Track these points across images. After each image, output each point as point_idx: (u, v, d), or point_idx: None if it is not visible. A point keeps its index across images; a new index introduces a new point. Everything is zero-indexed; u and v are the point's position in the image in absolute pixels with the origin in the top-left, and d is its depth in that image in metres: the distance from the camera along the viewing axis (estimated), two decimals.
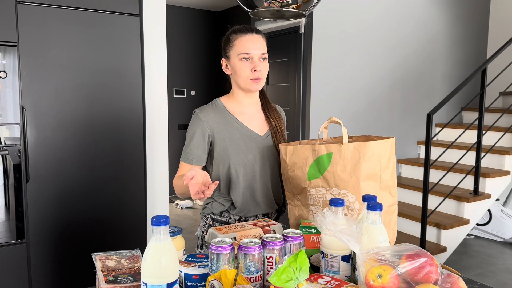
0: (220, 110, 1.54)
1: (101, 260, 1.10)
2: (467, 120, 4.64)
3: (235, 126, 1.52)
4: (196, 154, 1.52)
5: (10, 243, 2.17)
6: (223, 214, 1.55)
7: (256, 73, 1.45)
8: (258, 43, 1.46)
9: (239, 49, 1.45)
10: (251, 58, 1.45)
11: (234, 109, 1.55)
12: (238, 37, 1.47)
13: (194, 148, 1.52)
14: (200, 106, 1.57)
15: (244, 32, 1.47)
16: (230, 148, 1.50)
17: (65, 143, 2.25)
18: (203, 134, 1.51)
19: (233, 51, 1.47)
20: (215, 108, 1.55)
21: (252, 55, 1.45)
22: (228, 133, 1.50)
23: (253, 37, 1.46)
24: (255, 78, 1.46)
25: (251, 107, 1.56)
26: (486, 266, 3.49)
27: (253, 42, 1.45)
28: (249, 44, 1.45)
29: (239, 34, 1.47)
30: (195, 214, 4.91)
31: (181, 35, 5.62)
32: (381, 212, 1.02)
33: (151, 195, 2.73)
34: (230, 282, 0.91)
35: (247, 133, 1.52)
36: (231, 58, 1.49)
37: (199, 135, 1.51)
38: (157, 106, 2.73)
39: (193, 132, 1.52)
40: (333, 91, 3.63)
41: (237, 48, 1.46)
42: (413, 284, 0.84)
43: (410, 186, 3.82)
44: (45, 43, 2.16)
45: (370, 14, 3.80)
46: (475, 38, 4.75)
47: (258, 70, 1.45)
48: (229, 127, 1.51)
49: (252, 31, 1.47)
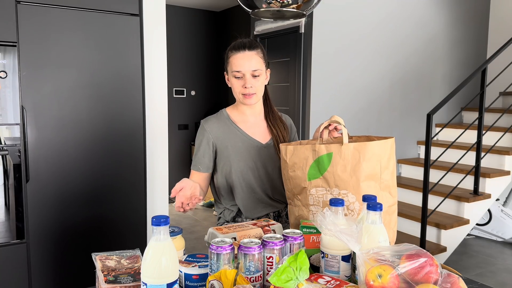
0: (224, 119, 1.62)
1: (101, 260, 1.10)
2: (467, 120, 4.64)
3: (237, 134, 1.59)
4: (203, 162, 1.60)
5: (10, 243, 2.17)
6: (236, 219, 1.63)
7: (247, 89, 1.52)
8: (250, 60, 1.51)
9: (232, 67, 1.53)
10: (242, 75, 1.52)
11: (237, 118, 1.62)
12: (232, 54, 1.54)
13: (201, 157, 1.60)
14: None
15: (237, 50, 1.52)
16: (232, 155, 1.57)
17: (65, 143, 2.25)
18: (208, 143, 1.59)
19: (229, 67, 1.55)
20: (219, 118, 1.63)
21: (243, 72, 1.51)
22: (230, 142, 1.58)
23: (244, 55, 1.51)
24: (246, 94, 1.53)
25: (254, 116, 1.64)
26: (486, 266, 3.49)
27: (244, 60, 1.51)
28: (240, 62, 1.51)
29: (233, 51, 1.54)
30: (195, 214, 4.91)
31: (181, 35, 5.62)
32: (381, 212, 1.02)
33: (151, 195, 2.73)
34: (230, 282, 0.91)
35: (249, 141, 1.59)
36: (228, 73, 1.57)
37: (204, 144, 1.60)
38: (157, 106, 2.73)
39: (200, 142, 1.61)
40: (333, 91, 3.63)
41: (231, 65, 1.54)
42: (413, 284, 0.84)
43: (410, 186, 3.82)
44: (45, 43, 2.16)
45: (370, 14, 3.80)
46: (475, 38, 4.75)
47: (248, 86, 1.52)
48: (231, 136, 1.59)
49: (245, 48, 1.52)
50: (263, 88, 1.58)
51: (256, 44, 1.55)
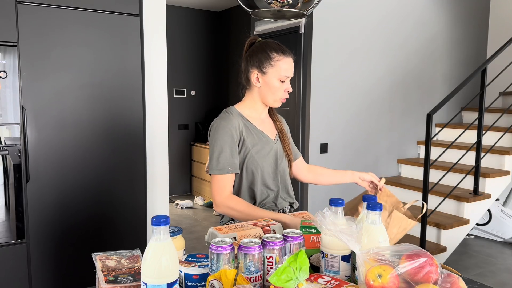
0: (239, 117, 1.57)
1: (101, 260, 1.10)
2: (467, 120, 4.64)
3: (254, 132, 1.58)
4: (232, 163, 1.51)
5: (10, 243, 2.17)
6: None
7: (287, 94, 1.56)
8: (293, 67, 1.56)
9: (281, 71, 1.51)
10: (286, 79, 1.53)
11: (250, 115, 1.60)
12: (281, 58, 1.51)
13: (229, 157, 1.50)
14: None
15: (285, 55, 1.53)
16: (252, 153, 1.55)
17: (65, 143, 2.25)
18: (233, 140, 1.51)
19: (273, 69, 1.51)
20: (235, 116, 1.56)
21: (290, 77, 1.54)
22: (249, 140, 1.55)
23: (292, 61, 1.54)
24: (285, 98, 1.57)
25: (264, 113, 1.65)
26: (486, 266, 3.49)
27: (292, 66, 1.54)
28: (291, 67, 1.53)
29: (281, 55, 1.52)
30: (195, 214, 4.91)
31: (181, 35, 5.62)
32: (381, 212, 1.02)
33: (151, 195, 2.73)
34: (230, 282, 0.91)
35: (264, 139, 1.59)
36: (268, 75, 1.52)
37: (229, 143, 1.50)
38: (157, 106, 2.73)
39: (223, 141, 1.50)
40: (333, 91, 3.63)
41: (279, 69, 1.51)
42: (413, 284, 0.84)
43: (410, 186, 3.82)
44: (45, 43, 2.16)
45: (370, 14, 3.80)
46: (475, 38, 4.75)
47: (290, 91, 1.56)
48: (249, 133, 1.56)
49: (291, 53, 1.55)
50: None
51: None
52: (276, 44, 1.55)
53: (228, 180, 1.51)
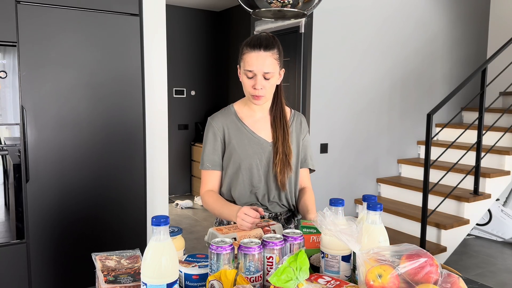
0: (231, 115, 1.58)
1: (101, 260, 1.10)
2: (467, 120, 4.64)
3: (243, 132, 1.55)
4: (212, 159, 1.56)
5: (10, 243, 2.17)
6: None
7: (256, 91, 1.46)
8: (264, 61, 1.42)
9: (245, 65, 1.46)
10: (253, 75, 1.44)
11: (245, 114, 1.58)
12: (246, 51, 1.45)
13: (209, 154, 1.56)
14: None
15: (253, 48, 1.43)
16: (237, 152, 1.53)
17: (65, 143, 2.25)
18: (216, 138, 1.56)
19: (242, 63, 1.48)
20: (226, 114, 1.59)
21: (255, 72, 1.43)
22: (236, 138, 1.54)
23: (259, 55, 1.42)
24: (255, 95, 1.47)
25: (261, 111, 1.59)
26: (486, 266, 3.49)
27: (258, 60, 1.42)
28: (254, 62, 1.43)
29: (248, 49, 1.45)
30: (195, 214, 4.91)
31: (181, 35, 5.62)
32: (381, 212, 1.02)
33: (151, 195, 2.73)
34: (230, 282, 0.91)
35: (255, 139, 1.55)
36: (240, 69, 1.50)
37: (211, 140, 1.56)
38: (157, 106, 2.72)
39: (206, 139, 1.58)
40: (333, 91, 3.63)
41: (244, 62, 1.46)
42: (413, 284, 0.84)
43: (410, 186, 3.82)
44: (45, 43, 2.16)
45: (370, 14, 3.80)
46: (475, 38, 4.75)
47: (258, 88, 1.45)
48: (237, 133, 1.55)
49: (261, 47, 1.43)
50: (273, 89, 1.52)
51: (273, 43, 1.46)
52: (256, 37, 1.46)
53: (208, 176, 1.57)
